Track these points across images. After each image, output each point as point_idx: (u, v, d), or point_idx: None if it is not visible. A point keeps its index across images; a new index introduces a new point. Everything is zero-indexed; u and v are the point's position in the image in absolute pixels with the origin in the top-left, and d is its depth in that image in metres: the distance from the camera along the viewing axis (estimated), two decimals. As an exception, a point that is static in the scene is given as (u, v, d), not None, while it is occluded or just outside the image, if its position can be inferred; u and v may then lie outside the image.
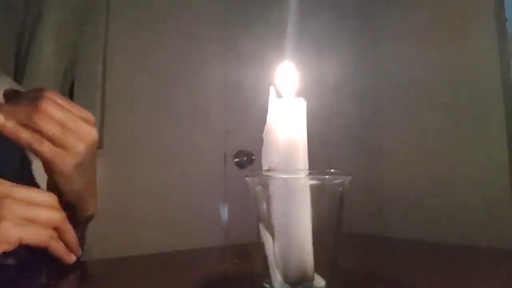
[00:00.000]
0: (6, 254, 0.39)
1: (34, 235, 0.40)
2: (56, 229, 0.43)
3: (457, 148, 1.53)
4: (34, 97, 0.46)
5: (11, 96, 0.48)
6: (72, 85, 1.30)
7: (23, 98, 0.46)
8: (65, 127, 0.46)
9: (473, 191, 1.46)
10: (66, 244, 0.44)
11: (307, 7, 1.61)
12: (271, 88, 0.33)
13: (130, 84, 1.40)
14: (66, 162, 0.45)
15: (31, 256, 0.43)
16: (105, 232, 0.64)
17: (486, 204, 1.41)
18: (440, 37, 1.61)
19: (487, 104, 1.46)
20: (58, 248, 0.43)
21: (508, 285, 0.39)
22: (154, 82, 1.44)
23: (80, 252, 0.46)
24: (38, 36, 1.17)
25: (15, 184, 0.43)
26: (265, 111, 0.33)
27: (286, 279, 0.30)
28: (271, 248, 0.30)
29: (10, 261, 0.41)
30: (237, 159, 1.58)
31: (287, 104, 0.32)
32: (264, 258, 0.31)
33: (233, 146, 1.58)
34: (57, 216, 0.43)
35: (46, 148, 0.44)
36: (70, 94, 1.30)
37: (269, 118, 0.32)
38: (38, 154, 0.45)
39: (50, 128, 0.44)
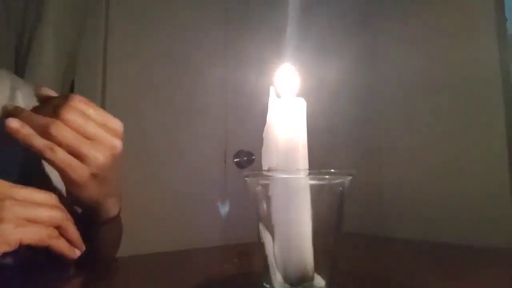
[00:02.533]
0: (5, 254, 0.39)
1: (34, 235, 0.41)
2: (58, 227, 0.43)
3: (457, 148, 1.53)
4: (59, 104, 0.45)
5: (41, 101, 0.47)
6: (72, 84, 1.30)
7: (49, 104, 0.46)
8: (85, 136, 0.45)
9: (473, 191, 1.46)
10: (69, 241, 0.44)
11: (308, 8, 1.61)
12: (271, 88, 0.33)
13: (130, 84, 1.40)
14: (78, 172, 0.44)
15: (31, 256, 0.43)
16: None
17: (486, 204, 1.41)
18: (440, 37, 1.61)
19: (487, 104, 1.47)
20: (59, 245, 0.43)
21: (508, 285, 0.39)
22: (154, 82, 1.44)
23: (84, 248, 0.46)
24: (38, 36, 1.17)
25: (15, 184, 0.43)
26: (265, 111, 0.33)
27: (286, 279, 0.30)
28: (271, 248, 0.30)
29: (9, 260, 0.41)
30: (237, 159, 1.58)
31: (287, 104, 0.32)
32: (264, 258, 0.31)
33: (233, 146, 1.58)
34: (58, 214, 0.43)
35: (58, 156, 0.43)
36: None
37: (269, 118, 0.33)
38: (49, 162, 0.44)
39: (66, 136, 0.44)
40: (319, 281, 0.30)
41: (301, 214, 0.30)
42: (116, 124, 0.49)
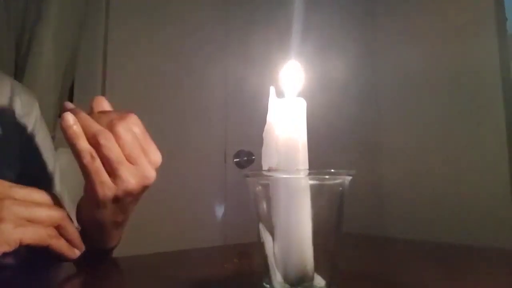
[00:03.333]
0: (5, 254, 0.39)
1: (34, 235, 0.41)
2: (57, 227, 0.43)
3: (457, 148, 1.53)
4: (116, 118, 0.44)
5: (96, 112, 0.47)
6: (72, 85, 1.30)
7: (106, 115, 0.46)
8: (127, 157, 0.44)
9: (473, 191, 1.46)
10: (69, 240, 0.44)
11: (310, 7, 1.61)
12: (271, 88, 0.33)
13: (130, 84, 1.40)
14: (106, 189, 0.43)
15: (31, 256, 0.43)
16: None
17: (486, 204, 1.41)
18: (441, 37, 1.61)
19: (487, 104, 1.47)
20: (59, 245, 0.43)
21: (507, 285, 0.39)
22: (154, 82, 1.44)
23: (83, 248, 0.46)
24: (38, 36, 1.17)
25: (15, 184, 0.43)
26: (265, 111, 0.33)
27: (286, 279, 0.30)
28: (271, 248, 0.30)
29: (9, 260, 0.41)
30: (237, 159, 1.58)
31: (287, 104, 0.32)
32: (264, 258, 0.31)
33: (233, 146, 1.58)
34: (57, 214, 0.43)
35: (95, 166, 0.42)
36: (70, 94, 1.30)
37: (269, 118, 0.33)
38: (83, 168, 0.43)
39: (111, 150, 0.43)
40: (319, 281, 0.30)
41: (301, 214, 0.30)
42: (157, 155, 0.48)
